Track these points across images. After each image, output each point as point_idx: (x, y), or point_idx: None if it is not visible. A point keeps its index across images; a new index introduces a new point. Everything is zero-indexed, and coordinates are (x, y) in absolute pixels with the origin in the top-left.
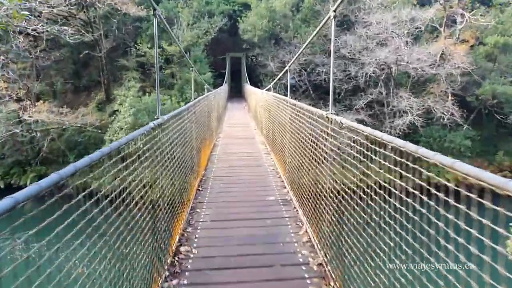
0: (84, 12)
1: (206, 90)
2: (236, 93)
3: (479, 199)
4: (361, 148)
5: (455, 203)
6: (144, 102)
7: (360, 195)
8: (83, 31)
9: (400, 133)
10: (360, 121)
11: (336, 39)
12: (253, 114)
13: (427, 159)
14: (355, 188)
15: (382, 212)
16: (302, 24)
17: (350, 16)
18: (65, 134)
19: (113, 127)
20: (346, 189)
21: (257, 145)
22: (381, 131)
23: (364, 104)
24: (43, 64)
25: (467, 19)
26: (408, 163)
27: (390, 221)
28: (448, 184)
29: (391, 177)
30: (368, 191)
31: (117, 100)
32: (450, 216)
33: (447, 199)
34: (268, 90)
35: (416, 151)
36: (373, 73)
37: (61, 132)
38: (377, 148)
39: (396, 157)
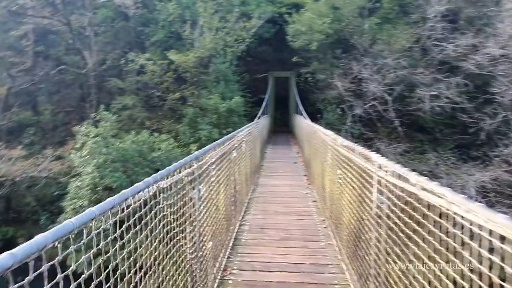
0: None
1: None
2: (281, 127)
3: None
4: None
5: None
6: (119, 148)
7: None
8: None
9: None
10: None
11: (443, 45)
12: (331, 218)
13: None
14: None
15: None
16: (383, 25)
17: (466, 9)
18: (37, 185)
19: (72, 187)
20: None
21: None
22: None
23: None
24: (30, 89)
25: None
26: None
27: None
28: None
29: None
30: None
31: (78, 141)
32: None
33: None
34: None
35: None
36: None
37: (31, 182)
38: None
39: None
